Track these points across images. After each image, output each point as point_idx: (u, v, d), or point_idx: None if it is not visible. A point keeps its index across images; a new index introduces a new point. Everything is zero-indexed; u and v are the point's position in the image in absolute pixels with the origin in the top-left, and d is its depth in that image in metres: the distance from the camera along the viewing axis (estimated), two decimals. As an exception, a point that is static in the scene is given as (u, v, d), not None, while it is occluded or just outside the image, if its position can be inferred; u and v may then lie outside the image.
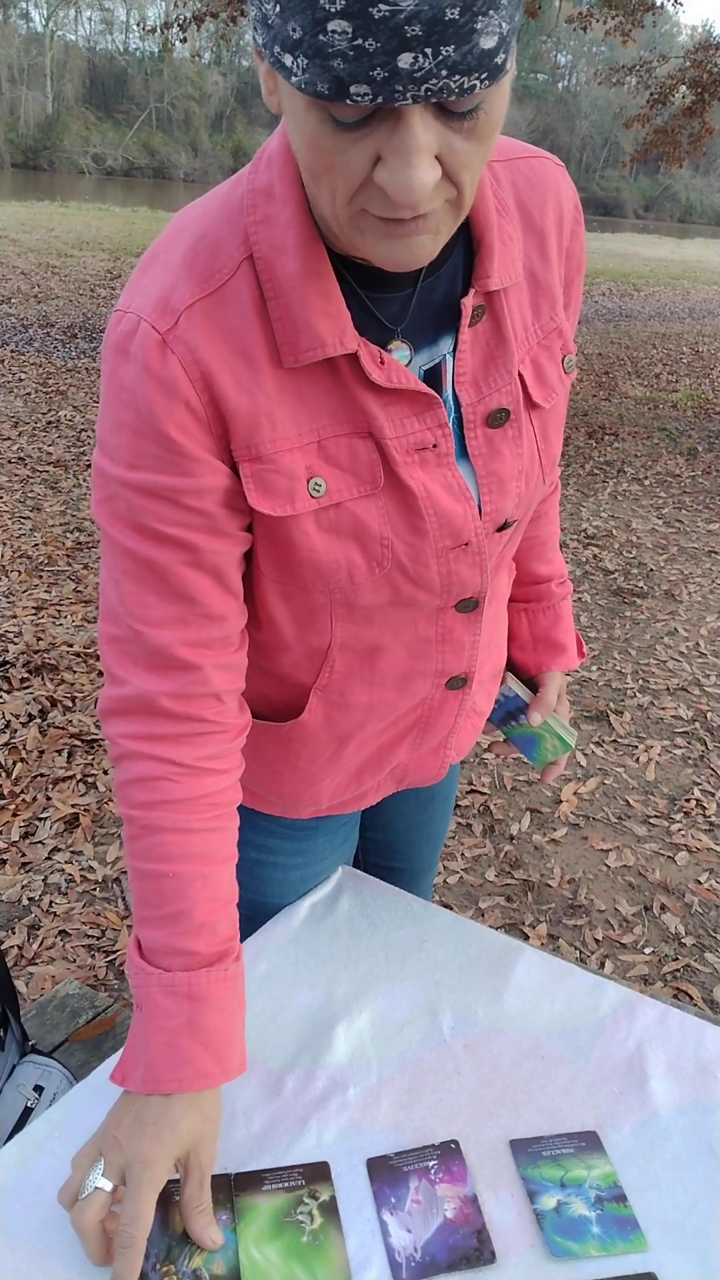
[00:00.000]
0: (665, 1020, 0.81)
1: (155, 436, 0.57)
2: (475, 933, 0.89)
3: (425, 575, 0.65)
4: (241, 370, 0.57)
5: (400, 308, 0.61)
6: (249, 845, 0.85)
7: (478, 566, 0.67)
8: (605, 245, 23.57)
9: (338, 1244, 0.63)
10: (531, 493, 0.69)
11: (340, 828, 0.91)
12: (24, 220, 15.22)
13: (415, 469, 0.62)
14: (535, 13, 7.12)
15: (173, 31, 8.05)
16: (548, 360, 0.66)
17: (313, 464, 0.60)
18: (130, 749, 0.64)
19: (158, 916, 0.64)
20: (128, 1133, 0.60)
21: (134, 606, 0.62)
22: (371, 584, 0.64)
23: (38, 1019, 1.25)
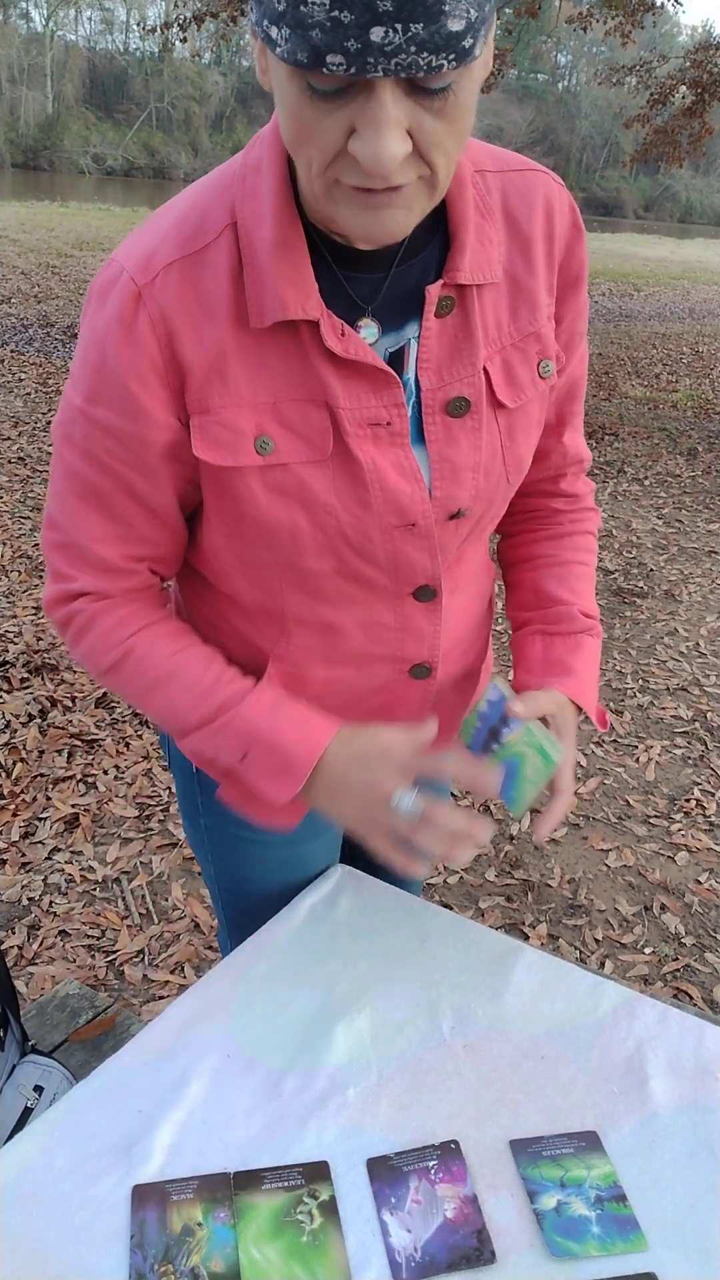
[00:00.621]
0: (665, 1020, 0.81)
1: (115, 382, 0.62)
2: (475, 933, 0.89)
3: (370, 549, 0.67)
4: (206, 328, 0.61)
5: (373, 289, 0.64)
6: (229, 821, 0.87)
7: (427, 550, 0.69)
8: (605, 245, 23.57)
9: (337, 1244, 0.63)
10: (492, 490, 0.70)
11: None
12: (24, 220, 15.23)
13: (366, 443, 0.64)
14: (535, 13, 7.12)
15: (173, 31, 8.05)
16: (520, 362, 0.68)
17: (264, 423, 0.63)
18: (90, 617, 0.71)
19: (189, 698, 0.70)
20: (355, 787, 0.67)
21: (80, 522, 0.68)
22: (315, 550, 0.66)
23: (38, 1019, 1.25)
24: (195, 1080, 0.73)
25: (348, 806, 0.68)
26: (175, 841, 2.02)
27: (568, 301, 0.72)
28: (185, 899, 1.87)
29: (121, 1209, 0.64)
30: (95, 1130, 0.69)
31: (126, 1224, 0.64)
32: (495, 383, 0.67)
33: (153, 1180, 0.66)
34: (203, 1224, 0.64)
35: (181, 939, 1.77)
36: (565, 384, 0.78)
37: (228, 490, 0.65)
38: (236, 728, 0.69)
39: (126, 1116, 0.71)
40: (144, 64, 57.97)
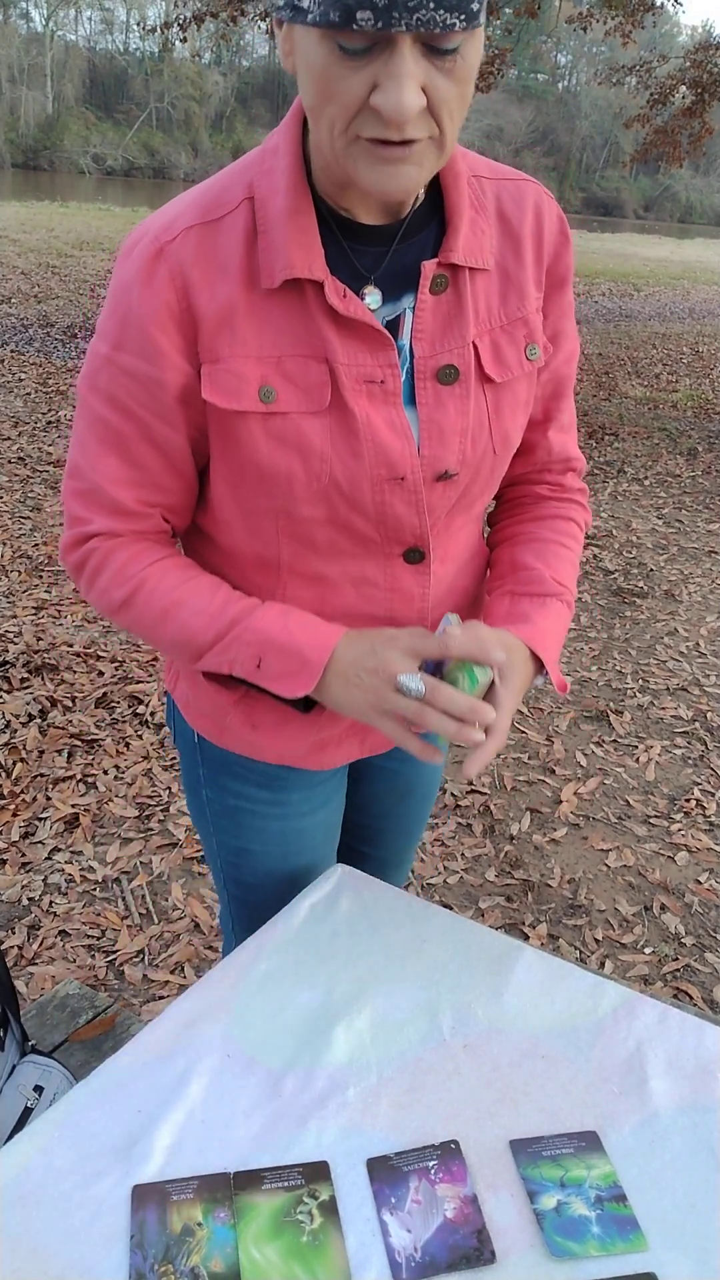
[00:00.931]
0: (665, 1020, 0.81)
1: (138, 326, 0.68)
2: (475, 933, 0.89)
3: (360, 500, 0.71)
4: (220, 284, 0.67)
5: (374, 261, 0.70)
6: (227, 792, 0.91)
7: (414, 507, 0.73)
8: (605, 245, 23.56)
9: (337, 1244, 0.63)
10: (479, 458, 0.75)
11: (318, 785, 0.92)
12: (24, 220, 15.23)
13: (361, 398, 0.69)
14: (535, 13, 7.12)
15: (173, 31, 8.05)
16: (508, 344, 0.74)
17: (268, 374, 0.68)
18: (103, 556, 0.76)
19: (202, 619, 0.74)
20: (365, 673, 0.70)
21: (98, 465, 0.73)
22: (309, 497, 0.71)
23: (38, 1019, 1.25)
24: (195, 1080, 0.73)
25: (358, 693, 0.71)
26: (175, 841, 2.02)
27: (553, 300, 0.78)
28: (185, 899, 1.87)
29: (121, 1209, 0.64)
30: (95, 1130, 0.69)
31: (126, 1224, 0.64)
32: (484, 359, 0.72)
33: (153, 1180, 0.66)
34: (203, 1224, 0.64)
35: (181, 939, 1.77)
36: (551, 381, 0.82)
37: (232, 436, 0.70)
38: (250, 637, 0.73)
39: (126, 1116, 0.71)
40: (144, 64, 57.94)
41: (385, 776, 1.02)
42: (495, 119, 54.49)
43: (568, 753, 2.44)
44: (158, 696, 2.50)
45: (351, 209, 0.69)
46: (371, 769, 1.02)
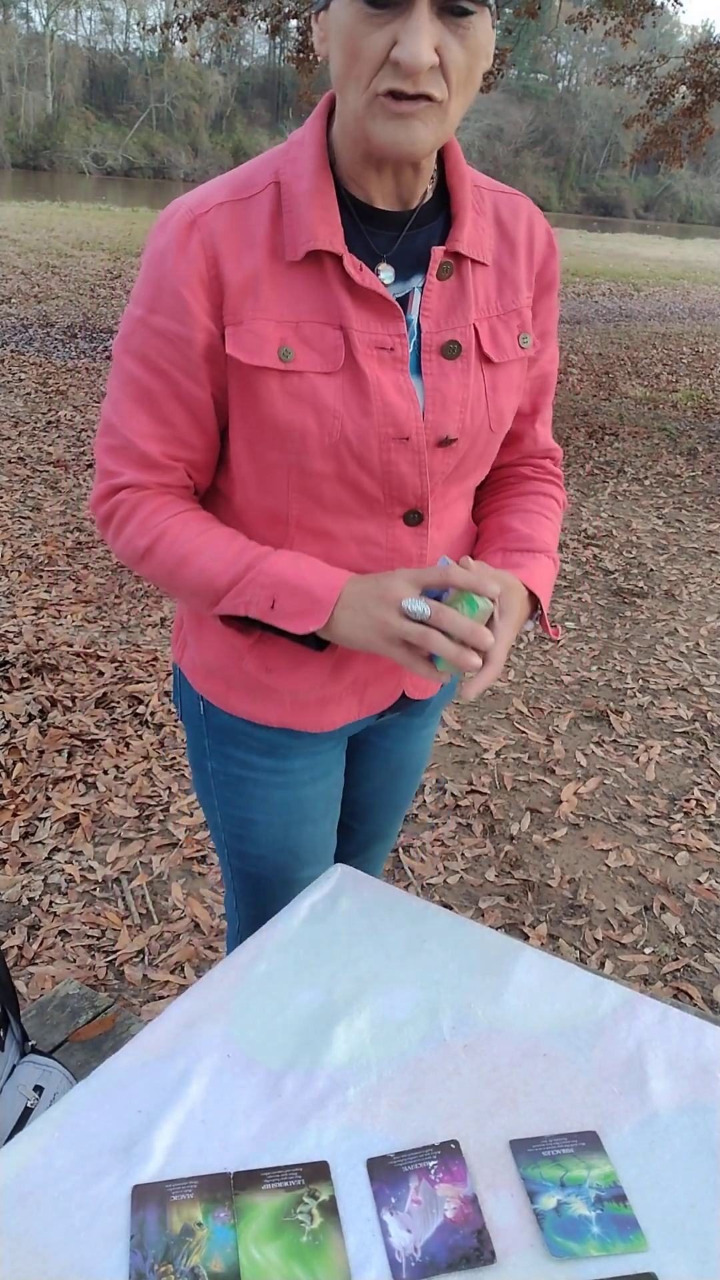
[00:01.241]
0: (665, 1020, 0.81)
1: (170, 289, 0.75)
2: (475, 933, 0.89)
3: (368, 457, 0.77)
4: (246, 257, 0.74)
5: (388, 243, 0.78)
6: (231, 761, 0.95)
7: (416, 468, 0.79)
8: (605, 245, 23.56)
9: (337, 1244, 0.63)
10: (476, 429, 0.81)
11: (319, 755, 0.96)
12: (24, 220, 15.23)
13: (372, 362, 0.76)
14: (535, 13, 7.13)
15: (173, 31, 8.04)
16: (504, 331, 0.81)
17: (287, 337, 0.75)
18: (130, 507, 0.81)
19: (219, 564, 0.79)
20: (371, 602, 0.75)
21: (130, 421, 0.79)
22: (320, 452, 0.76)
23: (38, 1019, 1.25)
24: (195, 1080, 0.73)
25: (365, 621, 0.75)
26: (175, 841, 2.02)
27: (542, 303, 0.86)
28: (185, 899, 1.87)
29: (121, 1209, 0.64)
30: (95, 1130, 0.69)
31: (126, 1224, 0.64)
32: (483, 341, 0.80)
33: (153, 1180, 0.66)
34: (203, 1224, 0.64)
35: (181, 939, 1.77)
36: (539, 378, 0.91)
37: (252, 392, 0.76)
38: (264, 580, 0.78)
39: (127, 1116, 0.71)
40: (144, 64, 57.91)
41: (379, 754, 1.06)
42: (495, 119, 54.46)
43: (568, 753, 2.44)
44: (157, 696, 2.50)
45: (369, 194, 0.76)
46: (367, 746, 1.05)
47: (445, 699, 1.07)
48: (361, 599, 0.76)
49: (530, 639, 3.06)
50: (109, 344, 7.08)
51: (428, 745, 1.10)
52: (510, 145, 56.54)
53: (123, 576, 3.28)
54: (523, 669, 2.86)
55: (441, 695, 1.05)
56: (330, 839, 1.04)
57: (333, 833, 1.04)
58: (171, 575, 0.81)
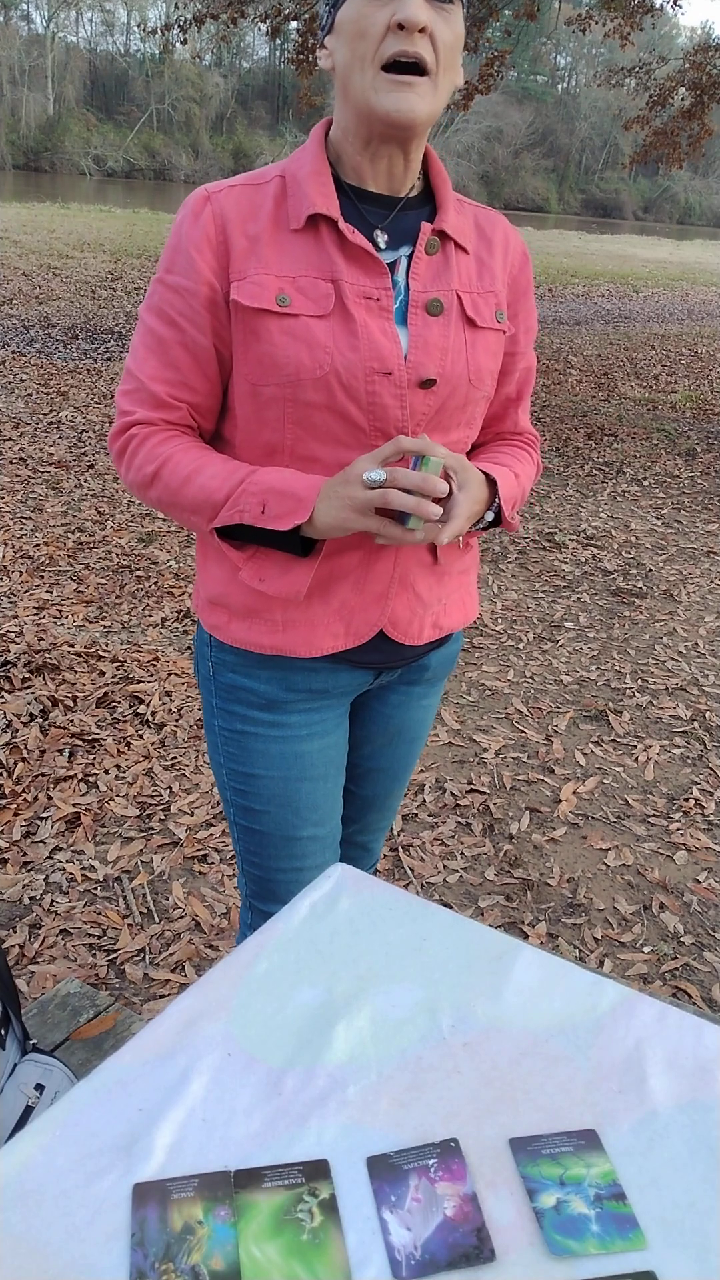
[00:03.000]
0: (664, 1018, 0.81)
1: (184, 251, 0.90)
2: (475, 932, 0.89)
3: (355, 386, 0.88)
4: (251, 224, 0.88)
5: (382, 218, 0.91)
6: (234, 717, 1.04)
7: (399, 400, 0.89)
8: (605, 247, 23.58)
9: (338, 1242, 0.63)
10: (456, 377, 0.91)
11: (316, 712, 1.03)
12: (25, 222, 15.23)
13: (360, 309, 0.88)
14: (534, 15, 7.14)
15: (173, 33, 8.05)
16: (484, 305, 0.94)
17: (285, 288, 0.87)
18: (140, 439, 0.93)
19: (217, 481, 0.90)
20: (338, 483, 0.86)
21: (144, 366, 0.93)
22: (312, 383, 0.87)
23: (39, 1018, 1.25)
24: (196, 1079, 0.73)
25: (338, 503, 0.86)
26: (176, 841, 2.02)
27: (521, 304, 1.00)
28: (186, 898, 1.87)
29: (122, 1207, 0.65)
30: (96, 1128, 0.70)
31: (127, 1222, 0.64)
32: (466, 306, 0.92)
33: (153, 1178, 0.66)
34: (203, 1222, 0.64)
35: (182, 938, 1.77)
36: (524, 369, 1.04)
37: (253, 333, 0.88)
38: (255, 489, 0.89)
39: (127, 1115, 0.71)
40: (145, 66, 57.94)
41: (379, 719, 1.13)
42: (495, 120, 54.48)
43: (567, 752, 2.45)
44: (158, 696, 2.50)
45: (363, 180, 0.90)
46: (367, 711, 1.13)
47: (445, 667, 1.12)
48: (332, 486, 0.87)
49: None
50: (110, 345, 7.09)
51: (428, 716, 1.16)
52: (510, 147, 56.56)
53: (123, 577, 3.29)
54: (522, 669, 2.87)
55: (441, 663, 1.11)
56: (334, 801, 1.09)
57: (336, 795, 1.09)
58: (175, 495, 0.92)
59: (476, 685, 2.75)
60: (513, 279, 0.98)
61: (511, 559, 3.73)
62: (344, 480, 0.86)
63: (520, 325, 1.01)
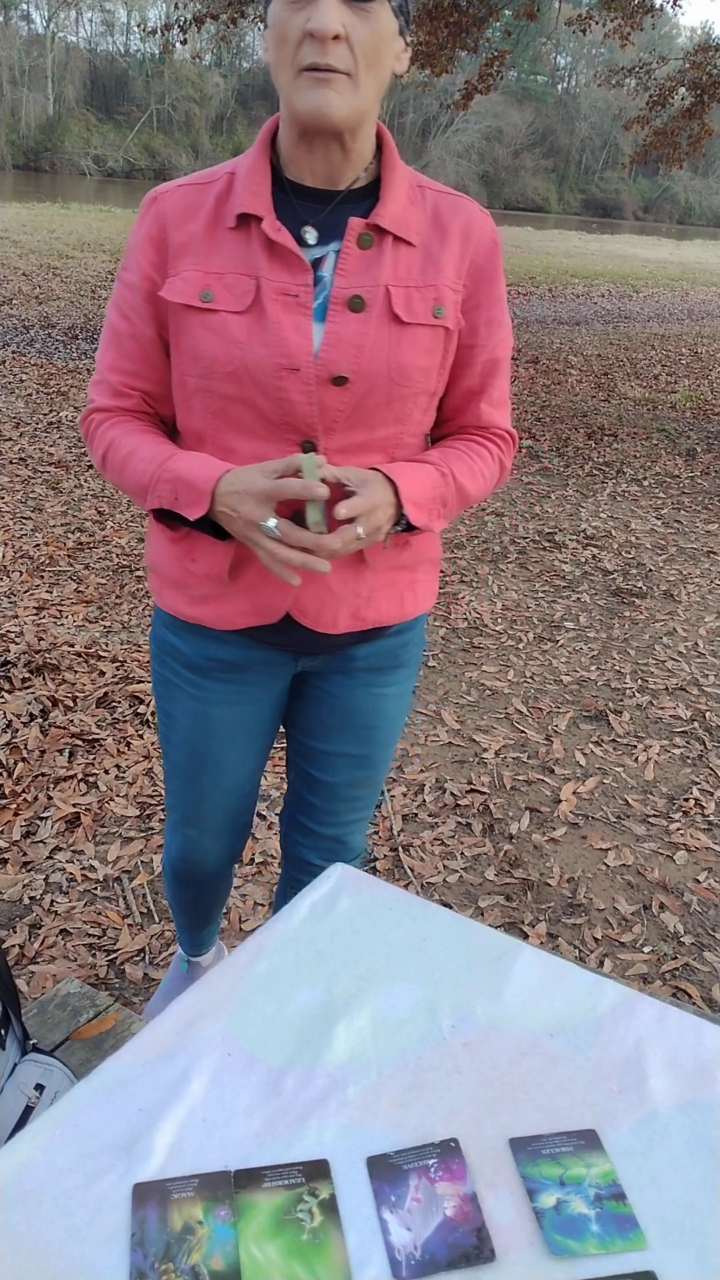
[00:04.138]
0: (664, 1018, 0.81)
1: (132, 251, 0.97)
2: (475, 932, 0.89)
3: (262, 380, 0.91)
4: (189, 224, 0.93)
5: (315, 213, 0.93)
6: (166, 667, 1.13)
7: (306, 397, 0.92)
8: (604, 247, 23.58)
9: (338, 1242, 0.63)
10: (373, 374, 0.92)
11: (236, 685, 1.10)
12: (25, 221, 15.23)
13: (278, 306, 0.91)
14: (535, 15, 7.14)
15: (173, 33, 8.05)
16: (419, 300, 0.94)
17: (210, 284, 0.92)
18: (98, 423, 1.01)
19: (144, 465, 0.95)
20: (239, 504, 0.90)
21: (104, 357, 1.01)
22: (225, 376, 0.92)
23: (39, 1018, 1.25)
24: (196, 1079, 0.73)
25: (236, 526, 0.92)
26: (175, 842, 2.02)
27: (483, 290, 0.98)
28: (185, 899, 1.87)
29: (122, 1207, 0.65)
30: (96, 1128, 0.70)
31: (127, 1222, 0.64)
32: (394, 302, 0.92)
33: (153, 1178, 0.66)
34: (203, 1222, 0.64)
35: (182, 939, 1.77)
36: (487, 361, 1.02)
37: (181, 327, 0.94)
38: (168, 477, 0.94)
39: (127, 1115, 0.71)
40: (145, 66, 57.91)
41: (323, 699, 1.15)
42: (495, 121, 54.47)
43: (567, 752, 2.45)
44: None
45: (302, 175, 0.92)
46: (308, 689, 1.16)
47: (383, 659, 1.12)
48: (230, 504, 0.90)
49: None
50: (109, 345, 7.07)
51: (383, 704, 1.15)
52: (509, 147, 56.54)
53: (124, 577, 3.29)
54: (522, 669, 2.87)
55: (373, 656, 1.11)
56: (242, 764, 1.17)
57: (247, 759, 1.17)
58: (120, 478, 0.98)
59: (476, 685, 2.75)
60: (476, 267, 0.96)
61: (511, 559, 3.73)
62: (242, 516, 0.90)
63: (481, 316, 0.98)
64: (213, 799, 1.20)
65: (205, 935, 1.51)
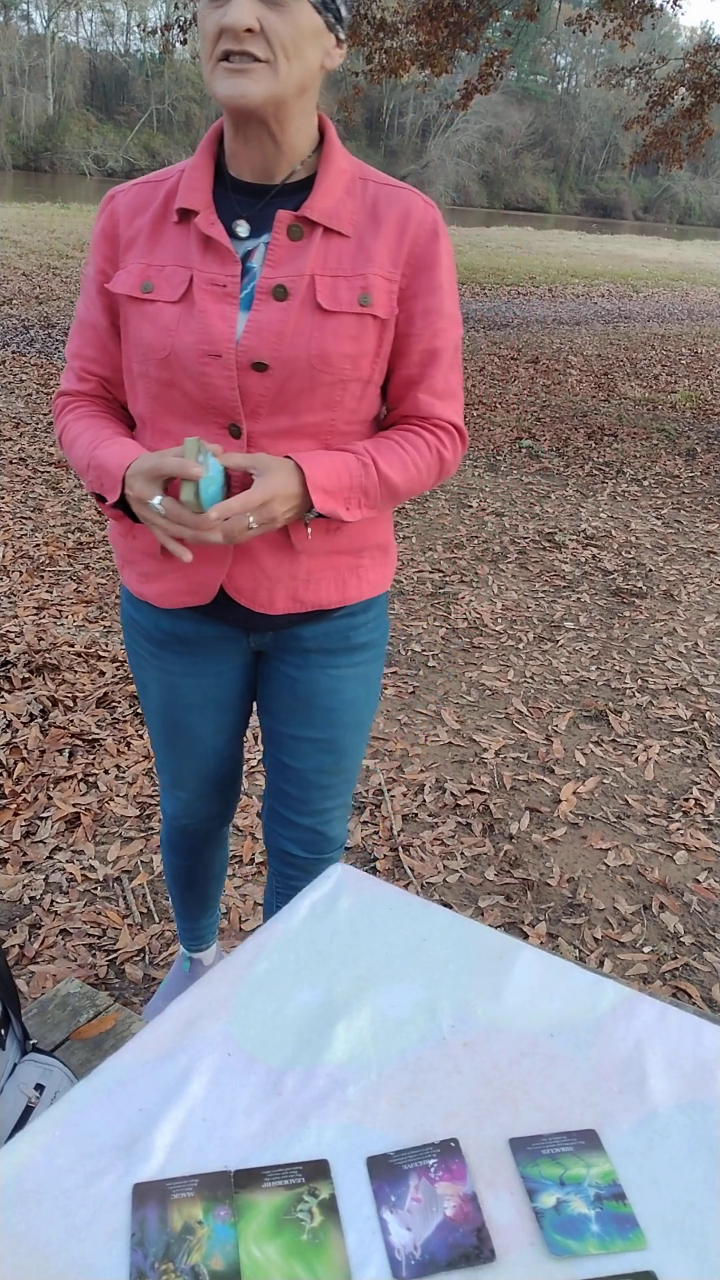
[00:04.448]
0: (664, 1018, 0.81)
1: (92, 246, 1.04)
2: (475, 932, 0.89)
3: (189, 365, 0.96)
4: (137, 220, 1.00)
5: (249, 207, 0.98)
6: (132, 639, 1.19)
7: (228, 382, 0.96)
8: (604, 247, 23.58)
9: (338, 1242, 0.63)
10: (293, 360, 0.95)
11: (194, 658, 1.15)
12: (25, 221, 15.23)
13: (207, 297, 0.96)
14: (535, 15, 7.14)
15: (173, 33, 8.05)
16: (346, 289, 0.96)
17: (151, 275, 0.98)
18: (60, 406, 1.10)
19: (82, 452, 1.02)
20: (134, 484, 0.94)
21: (70, 345, 1.09)
22: (157, 362, 0.98)
23: (39, 1017, 1.25)
24: (196, 1079, 0.73)
25: (136, 507, 0.96)
26: (175, 842, 2.02)
27: (421, 279, 0.99)
28: (185, 899, 1.87)
29: (122, 1207, 0.65)
30: (96, 1128, 0.70)
31: (127, 1222, 0.64)
32: (319, 291, 0.95)
33: (153, 1178, 0.66)
34: (203, 1222, 0.64)
35: (181, 939, 1.77)
36: (424, 351, 1.02)
37: (127, 316, 1.00)
38: (95, 464, 1.00)
39: (127, 1115, 0.71)
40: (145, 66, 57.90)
41: (284, 680, 1.17)
42: (495, 121, 54.46)
43: (567, 752, 2.45)
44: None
45: (241, 171, 0.97)
46: (267, 668, 1.19)
47: (332, 640, 1.14)
48: (131, 487, 0.95)
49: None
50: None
51: (342, 687, 1.17)
52: (509, 147, 56.54)
53: (123, 577, 3.29)
54: (522, 669, 2.87)
55: (321, 637, 1.13)
56: (215, 731, 1.22)
57: (220, 726, 1.22)
58: (73, 462, 1.06)
59: (476, 685, 2.75)
60: (414, 256, 0.98)
61: (511, 559, 3.73)
62: (135, 496, 0.95)
63: (419, 306, 0.99)
64: (192, 762, 1.26)
65: (205, 926, 1.51)
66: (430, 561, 3.64)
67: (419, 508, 4.25)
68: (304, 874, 1.29)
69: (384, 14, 8.05)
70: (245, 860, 1.97)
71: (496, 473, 4.84)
